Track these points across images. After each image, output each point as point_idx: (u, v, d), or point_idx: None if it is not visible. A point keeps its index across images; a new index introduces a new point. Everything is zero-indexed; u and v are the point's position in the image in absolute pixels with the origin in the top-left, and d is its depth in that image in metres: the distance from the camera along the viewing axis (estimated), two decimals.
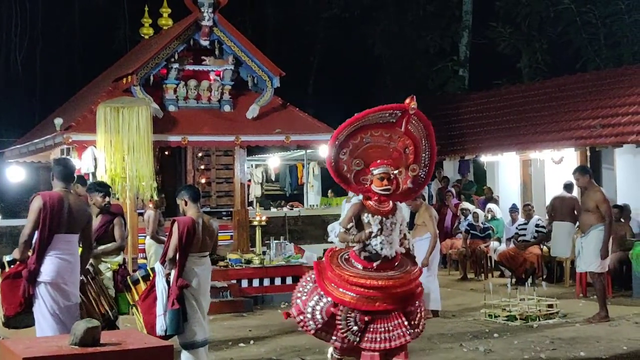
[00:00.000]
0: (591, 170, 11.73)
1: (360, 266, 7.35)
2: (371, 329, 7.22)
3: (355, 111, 7.53)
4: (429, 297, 11.65)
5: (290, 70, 15.93)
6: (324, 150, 18.11)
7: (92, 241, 7.81)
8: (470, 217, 16.60)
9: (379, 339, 7.20)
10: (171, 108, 14.38)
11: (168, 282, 7.78)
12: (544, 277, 15.02)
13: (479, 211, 16.78)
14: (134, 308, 8.17)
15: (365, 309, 7.19)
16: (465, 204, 17.71)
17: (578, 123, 16.86)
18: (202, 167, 17.33)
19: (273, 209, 20.48)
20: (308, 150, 23.10)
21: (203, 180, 17.20)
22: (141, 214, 13.61)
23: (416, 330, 7.43)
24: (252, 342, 10.11)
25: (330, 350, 7.69)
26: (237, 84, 15.10)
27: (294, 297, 7.63)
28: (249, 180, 22.72)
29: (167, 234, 8.06)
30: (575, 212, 13.31)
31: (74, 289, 7.23)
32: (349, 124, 7.37)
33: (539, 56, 26.20)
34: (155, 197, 12.81)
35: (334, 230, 7.49)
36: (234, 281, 13.24)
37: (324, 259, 7.59)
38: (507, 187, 19.00)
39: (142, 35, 18.43)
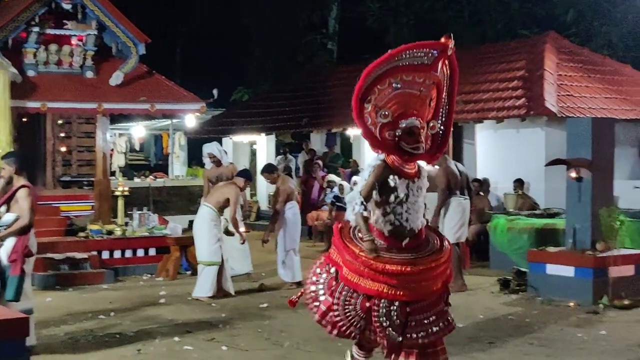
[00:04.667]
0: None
1: (382, 243, 6.07)
2: (413, 322, 6.00)
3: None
4: (291, 270, 11.76)
5: (157, 38, 15.61)
6: (190, 120, 17.95)
7: None
8: (336, 189, 16.72)
9: (421, 333, 6.01)
10: (30, 73, 13.91)
11: None
12: None
13: (345, 183, 16.90)
14: None
15: (403, 299, 5.96)
16: (332, 176, 17.84)
17: None
18: (63, 134, 16.79)
19: (137, 179, 20.15)
20: (174, 120, 22.81)
21: (63, 149, 16.68)
22: None
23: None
24: (112, 313, 9.90)
25: (352, 350, 6.47)
26: (101, 50, 14.69)
27: (309, 291, 6.32)
28: (112, 150, 22.21)
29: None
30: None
31: None
32: (380, 63, 5.89)
33: (406, 32, 26.61)
34: None
35: (354, 202, 6.09)
36: (95, 252, 12.91)
37: (334, 237, 6.31)
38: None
39: None
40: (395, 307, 5.93)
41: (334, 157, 20.87)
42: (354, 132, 19.68)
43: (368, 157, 19.35)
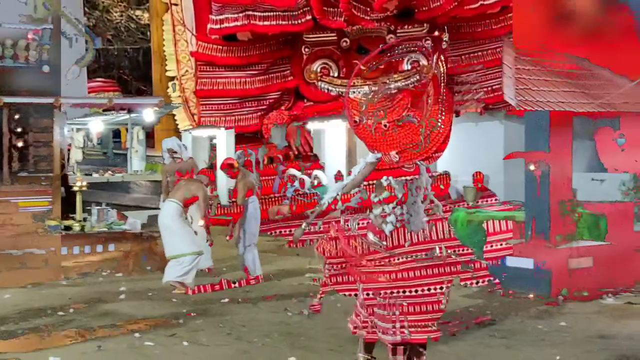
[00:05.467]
0: None
1: (383, 243, 6.05)
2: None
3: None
4: (253, 265, 11.72)
5: None
6: (149, 115, 17.72)
7: None
8: (296, 183, 16.70)
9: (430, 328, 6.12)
10: None
11: None
12: None
13: (305, 177, 16.90)
14: None
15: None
16: (292, 170, 17.80)
17: None
18: (19, 129, 16.58)
19: (95, 174, 19.94)
20: (132, 114, 22.57)
21: (20, 144, 16.46)
22: None
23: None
24: (71, 310, 9.81)
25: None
26: (57, 44, 14.50)
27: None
28: (69, 144, 21.93)
29: None
30: None
31: None
32: (371, 59, 5.69)
33: None
34: None
35: (329, 196, 5.92)
36: (53, 248, 12.77)
37: (332, 232, 6.28)
38: (333, 154, 19.24)
39: None
40: (406, 296, 5.99)
41: None
42: (314, 125, 19.66)
43: (328, 151, 19.40)
